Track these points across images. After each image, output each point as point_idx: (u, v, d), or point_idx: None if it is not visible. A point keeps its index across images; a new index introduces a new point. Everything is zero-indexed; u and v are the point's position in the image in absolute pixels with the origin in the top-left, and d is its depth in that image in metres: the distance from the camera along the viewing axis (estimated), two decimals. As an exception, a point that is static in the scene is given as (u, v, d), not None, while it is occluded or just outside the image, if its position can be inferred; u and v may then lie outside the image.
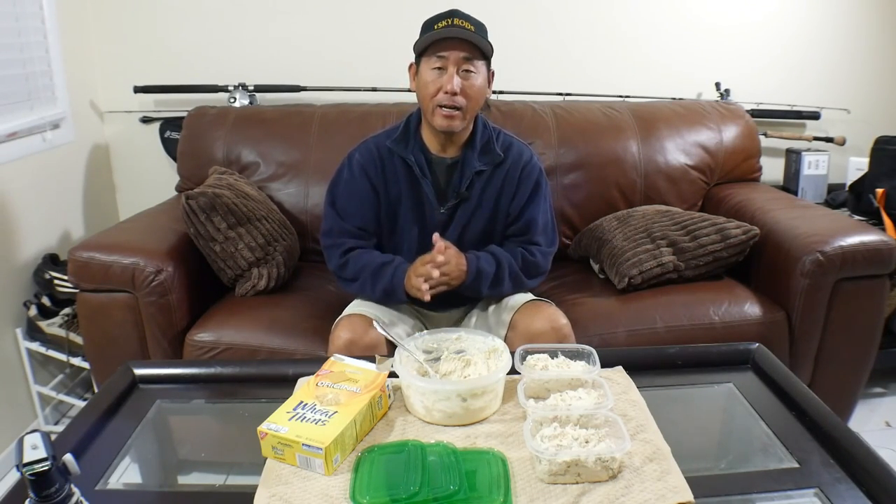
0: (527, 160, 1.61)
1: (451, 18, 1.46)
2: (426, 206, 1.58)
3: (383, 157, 1.58)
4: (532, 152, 1.64)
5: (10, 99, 2.03)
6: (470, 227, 1.60)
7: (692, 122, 2.31)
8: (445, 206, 1.58)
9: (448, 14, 1.47)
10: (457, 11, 1.48)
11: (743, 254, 1.87)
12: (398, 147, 1.57)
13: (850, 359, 1.83)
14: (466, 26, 1.45)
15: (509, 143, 1.62)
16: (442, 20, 1.46)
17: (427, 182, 1.56)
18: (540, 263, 1.60)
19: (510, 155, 1.59)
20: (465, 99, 1.47)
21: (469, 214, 1.59)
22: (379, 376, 1.12)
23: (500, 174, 1.58)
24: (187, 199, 1.78)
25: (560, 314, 1.52)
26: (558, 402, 1.07)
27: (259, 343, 1.69)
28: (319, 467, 0.96)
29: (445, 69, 1.46)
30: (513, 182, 1.59)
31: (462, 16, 1.48)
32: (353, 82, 2.47)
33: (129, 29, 2.47)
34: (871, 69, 2.70)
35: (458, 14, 1.47)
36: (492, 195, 1.59)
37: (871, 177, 2.33)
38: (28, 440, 0.74)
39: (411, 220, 1.60)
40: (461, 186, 1.56)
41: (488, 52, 1.48)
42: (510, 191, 1.59)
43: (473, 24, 1.47)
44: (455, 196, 1.57)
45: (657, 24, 2.59)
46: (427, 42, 1.45)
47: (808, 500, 0.94)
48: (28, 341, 2.02)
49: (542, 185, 1.62)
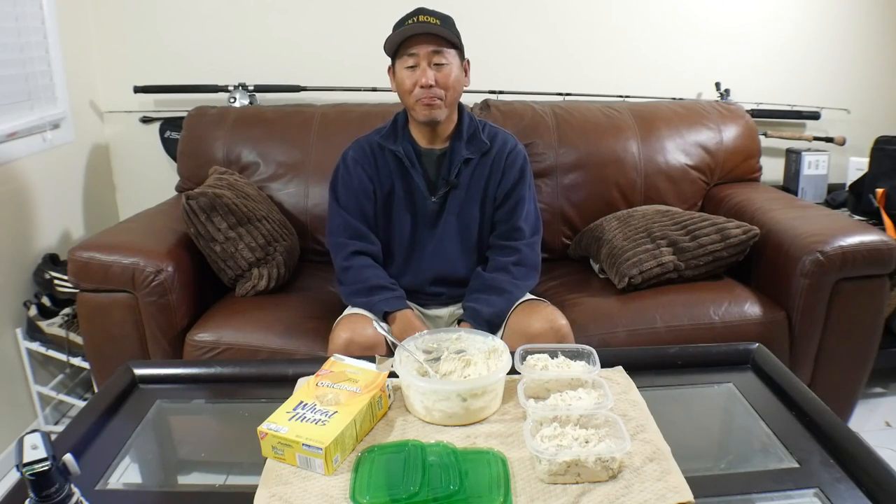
0: (511, 147, 1.66)
1: (416, 17, 1.51)
2: (417, 196, 1.63)
3: (375, 152, 1.65)
4: (517, 141, 1.70)
5: (10, 99, 2.03)
6: (461, 215, 1.65)
7: (692, 122, 2.31)
8: (437, 195, 1.62)
9: (414, 13, 1.53)
10: (422, 9, 1.53)
11: (743, 254, 1.87)
12: (387, 142, 1.63)
13: (850, 359, 1.83)
14: (431, 21, 1.50)
15: (494, 132, 1.68)
16: (408, 19, 1.52)
17: (417, 172, 1.61)
18: (527, 258, 1.62)
19: (496, 143, 1.65)
20: (442, 89, 1.52)
21: (459, 202, 1.64)
22: (379, 376, 1.12)
23: (487, 162, 1.64)
24: (188, 199, 1.78)
25: (558, 314, 1.52)
26: (558, 402, 1.07)
27: (259, 343, 1.69)
28: (319, 467, 0.96)
29: (418, 65, 1.51)
30: (499, 168, 1.64)
31: (427, 12, 1.53)
32: (353, 82, 2.47)
33: (129, 29, 2.47)
34: (871, 69, 2.70)
35: (422, 11, 1.53)
36: (479, 182, 1.64)
37: (871, 177, 2.32)
38: (28, 440, 0.74)
39: (404, 210, 1.65)
40: (450, 175, 1.61)
41: (456, 42, 1.53)
42: (497, 176, 1.64)
43: (439, 18, 1.52)
44: (445, 185, 1.62)
45: (657, 25, 2.59)
46: (396, 42, 1.51)
47: (808, 500, 0.94)
48: (28, 341, 2.02)
49: (526, 171, 1.67)
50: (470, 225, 1.65)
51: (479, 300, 1.55)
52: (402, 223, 1.65)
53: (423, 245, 1.66)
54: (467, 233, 1.65)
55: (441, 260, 1.65)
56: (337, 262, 1.64)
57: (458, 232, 1.65)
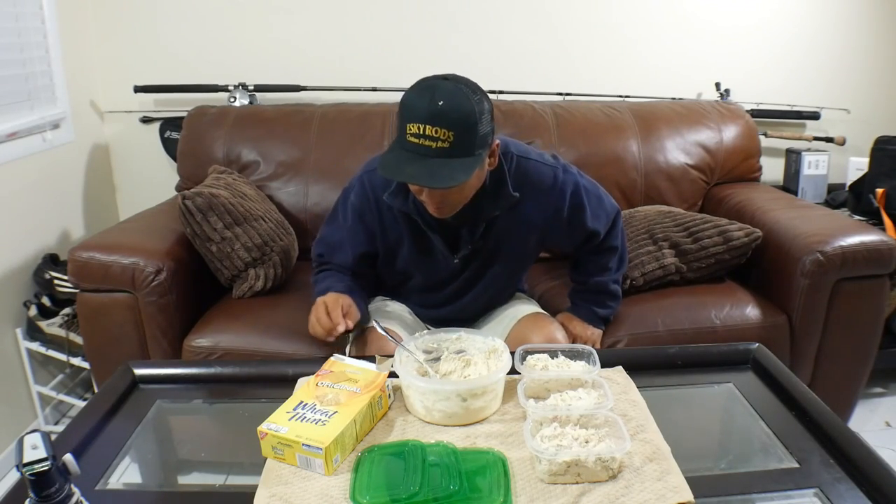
0: (549, 186, 1.41)
1: (423, 126, 1.14)
2: (437, 256, 1.44)
3: (380, 203, 1.40)
4: (554, 169, 1.43)
5: (10, 99, 2.03)
6: (489, 271, 1.49)
7: (692, 121, 2.31)
8: (459, 256, 1.43)
9: (424, 116, 1.15)
10: (434, 111, 1.14)
11: (745, 256, 1.87)
12: (396, 202, 1.37)
13: (850, 359, 1.83)
14: (440, 142, 1.14)
15: (524, 174, 1.40)
16: (414, 122, 1.15)
17: (436, 235, 1.40)
18: (620, 248, 1.60)
19: (526, 189, 1.39)
20: (453, 204, 1.29)
21: (488, 259, 1.46)
22: (379, 376, 1.12)
23: (521, 212, 1.41)
24: (184, 199, 1.78)
25: (558, 330, 1.51)
26: (558, 402, 1.07)
27: (256, 347, 1.68)
28: (319, 467, 0.96)
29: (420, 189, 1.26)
30: (544, 211, 1.43)
31: (439, 118, 1.14)
32: (353, 82, 2.47)
33: (129, 29, 2.47)
34: (871, 69, 2.70)
35: (434, 117, 1.14)
36: (516, 235, 1.44)
37: (871, 177, 2.32)
38: (28, 440, 0.74)
39: (415, 266, 1.48)
40: (474, 236, 1.40)
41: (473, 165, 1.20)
42: (541, 225, 1.44)
43: (453, 127, 1.14)
44: (469, 246, 1.41)
45: (657, 25, 2.59)
46: (390, 168, 1.20)
47: (808, 500, 0.94)
48: (28, 341, 2.02)
49: (582, 200, 1.45)
50: (501, 276, 1.50)
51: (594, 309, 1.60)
52: (414, 276, 1.49)
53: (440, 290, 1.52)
54: (497, 280, 1.49)
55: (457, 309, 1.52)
56: (313, 265, 1.57)
57: (486, 285, 1.49)
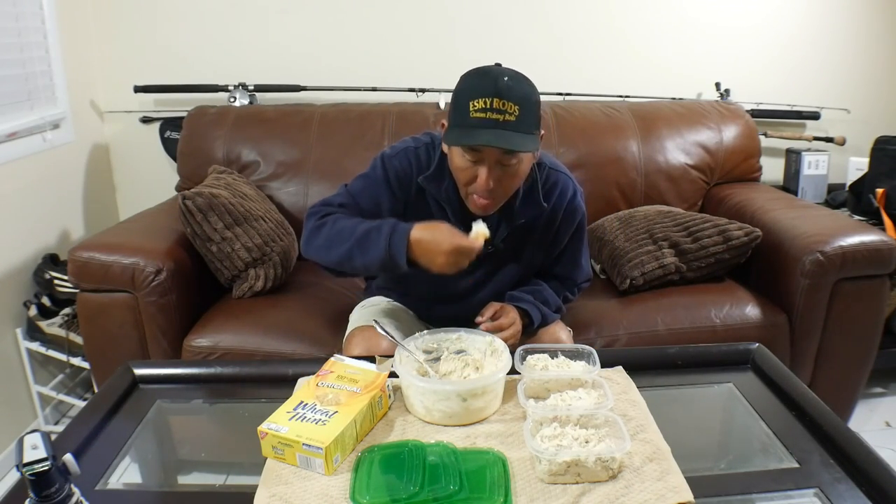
0: (570, 199, 1.45)
1: (491, 99, 1.19)
2: None
3: (414, 181, 1.40)
4: (575, 189, 1.47)
5: (10, 99, 2.03)
6: (502, 273, 1.49)
7: (692, 121, 2.31)
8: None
9: (491, 90, 1.19)
10: (500, 85, 1.20)
11: (745, 255, 1.87)
12: (431, 186, 1.38)
13: (850, 359, 1.83)
14: (507, 115, 1.19)
15: (554, 183, 1.44)
16: (480, 97, 1.20)
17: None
18: (569, 298, 1.58)
19: (552, 199, 1.43)
20: (503, 190, 1.30)
21: (504, 260, 1.48)
22: (379, 376, 1.12)
23: (541, 222, 1.44)
24: (184, 199, 1.78)
25: (562, 330, 1.51)
26: (558, 402, 1.07)
27: (256, 347, 1.69)
28: (319, 467, 0.96)
29: (481, 162, 1.25)
30: (553, 224, 1.46)
31: (506, 92, 1.19)
32: (353, 82, 2.47)
33: (129, 29, 2.47)
34: (871, 69, 2.70)
35: (501, 91, 1.19)
36: (530, 243, 1.47)
37: (871, 177, 2.33)
38: (28, 440, 0.74)
39: None
40: (496, 238, 1.40)
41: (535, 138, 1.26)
42: (548, 237, 1.48)
43: (519, 102, 1.20)
44: (490, 247, 1.39)
45: (657, 25, 2.59)
46: (458, 139, 1.24)
47: (808, 500, 0.94)
48: (28, 341, 2.02)
49: (582, 228, 1.51)
50: (507, 282, 1.50)
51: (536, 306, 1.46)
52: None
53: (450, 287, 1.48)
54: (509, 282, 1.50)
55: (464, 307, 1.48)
56: (308, 225, 1.37)
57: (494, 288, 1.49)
